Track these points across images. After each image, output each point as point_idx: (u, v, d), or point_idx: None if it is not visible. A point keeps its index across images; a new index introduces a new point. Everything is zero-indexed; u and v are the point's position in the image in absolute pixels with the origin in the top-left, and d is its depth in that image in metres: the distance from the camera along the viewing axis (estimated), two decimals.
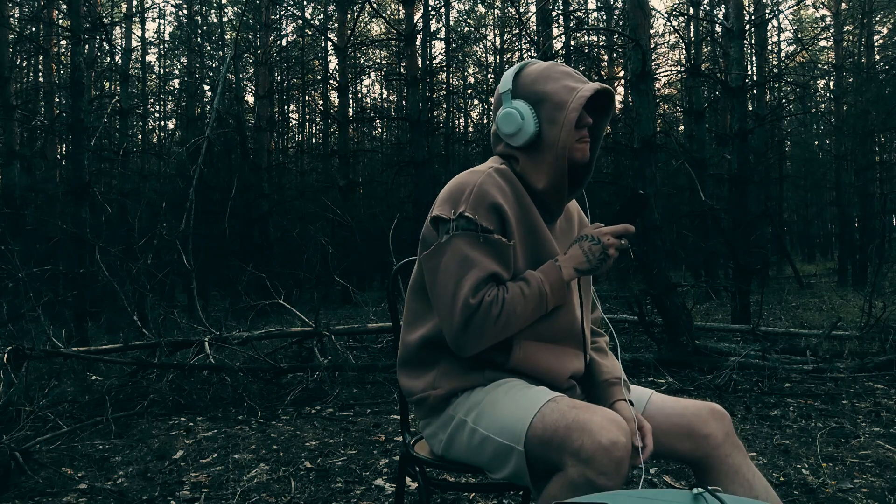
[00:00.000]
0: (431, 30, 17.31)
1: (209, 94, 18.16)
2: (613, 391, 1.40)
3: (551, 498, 1.16)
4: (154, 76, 22.32)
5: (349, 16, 15.30)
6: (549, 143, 1.35)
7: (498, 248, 1.31)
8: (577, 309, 1.42)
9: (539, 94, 1.36)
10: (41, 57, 14.74)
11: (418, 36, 14.07)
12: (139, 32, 20.85)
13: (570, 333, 1.40)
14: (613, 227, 1.33)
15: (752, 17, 12.31)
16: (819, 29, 19.25)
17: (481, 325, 1.27)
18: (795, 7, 20.32)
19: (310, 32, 19.30)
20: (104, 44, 13.15)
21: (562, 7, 13.53)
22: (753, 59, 15.77)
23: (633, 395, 1.42)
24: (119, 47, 16.34)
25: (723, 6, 12.26)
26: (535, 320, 1.34)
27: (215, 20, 20.05)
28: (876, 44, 16.72)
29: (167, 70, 22.67)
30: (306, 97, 23.04)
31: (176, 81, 21.93)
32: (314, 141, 23.35)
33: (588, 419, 1.16)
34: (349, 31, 14.40)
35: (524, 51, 20.01)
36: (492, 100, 20.60)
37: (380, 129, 23.76)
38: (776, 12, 15.29)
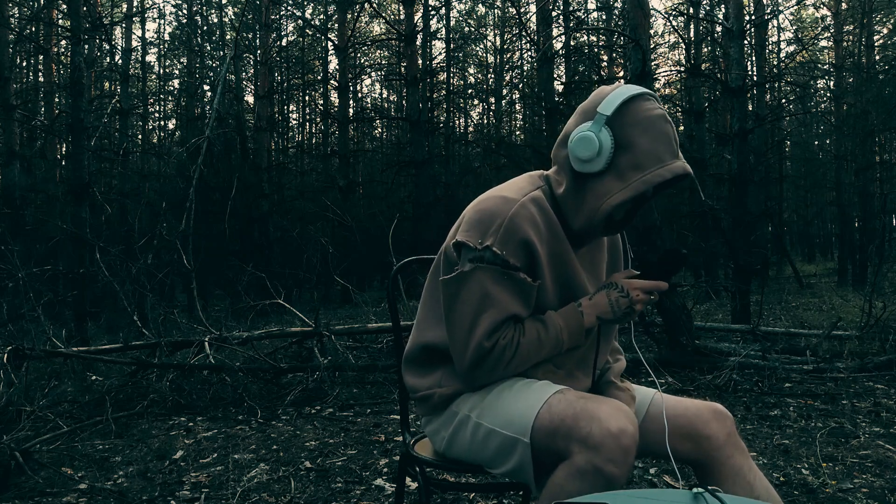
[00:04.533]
0: (431, 30, 17.32)
1: (209, 94, 18.16)
2: (609, 377, 1.45)
3: (557, 486, 1.15)
4: (154, 76, 22.33)
5: (349, 16, 15.30)
6: (601, 193, 1.24)
7: (521, 287, 1.27)
8: (595, 339, 1.40)
9: (630, 139, 1.22)
10: (41, 57, 14.76)
11: (418, 36, 14.07)
12: (139, 32, 20.85)
13: (582, 361, 1.39)
14: (646, 282, 1.28)
15: (752, 17, 12.31)
16: (819, 29, 19.25)
17: (492, 366, 1.27)
18: (795, 7, 20.33)
19: (310, 32, 19.30)
20: (104, 44, 13.15)
21: (562, 7, 13.52)
22: (753, 59, 15.76)
23: (635, 395, 1.42)
24: (119, 47, 16.34)
25: (723, 6, 12.26)
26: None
27: (215, 20, 20.07)
28: (876, 44, 16.73)
29: (167, 70, 22.70)
30: (306, 97, 23.06)
31: (176, 81, 21.97)
32: (314, 141, 23.36)
33: (596, 408, 1.16)
34: (349, 31, 14.41)
35: (524, 51, 20.02)
36: (492, 96, 20.61)
37: (380, 129, 23.76)
38: (776, 12, 15.29)
